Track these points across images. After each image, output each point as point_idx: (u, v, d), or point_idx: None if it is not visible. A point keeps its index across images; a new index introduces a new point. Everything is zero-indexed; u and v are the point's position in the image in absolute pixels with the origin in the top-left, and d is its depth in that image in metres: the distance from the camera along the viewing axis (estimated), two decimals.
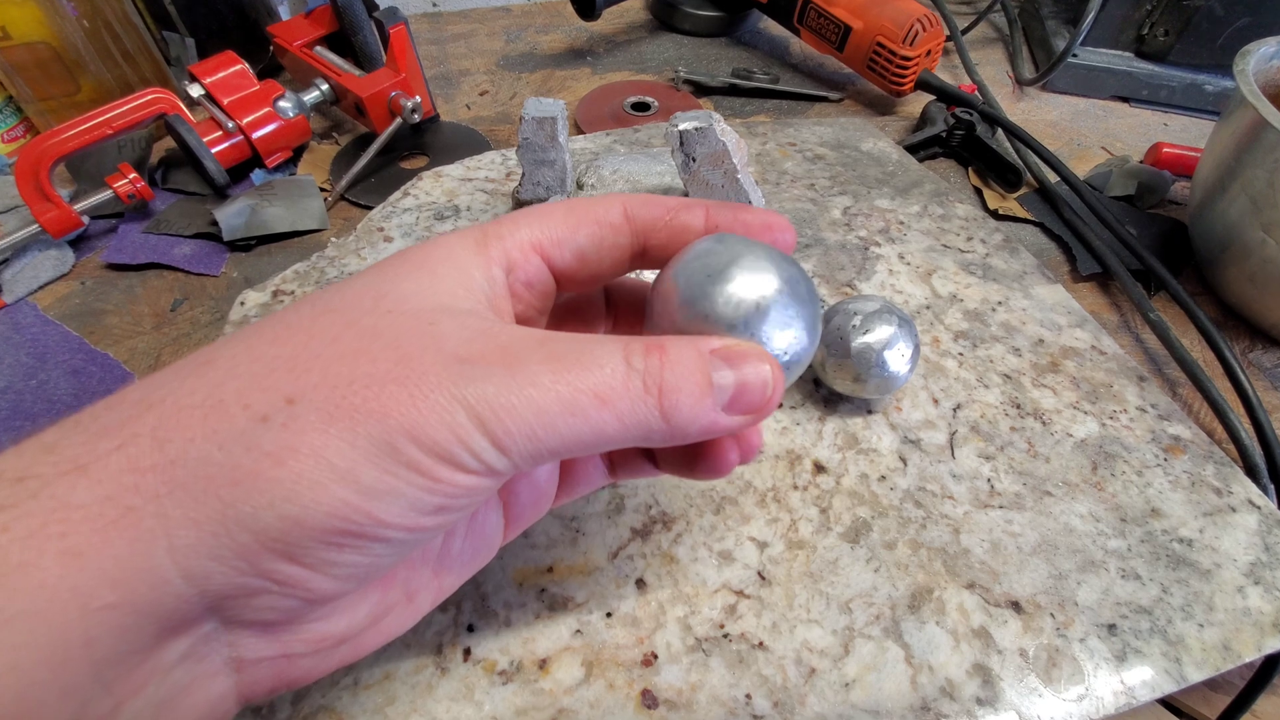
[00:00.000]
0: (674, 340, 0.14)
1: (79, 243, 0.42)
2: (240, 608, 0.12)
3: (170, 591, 0.12)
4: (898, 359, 0.27)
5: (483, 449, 0.13)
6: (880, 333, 0.27)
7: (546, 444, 0.13)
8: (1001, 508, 0.27)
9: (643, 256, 0.18)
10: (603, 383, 0.13)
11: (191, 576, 0.12)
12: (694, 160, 0.32)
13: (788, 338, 0.15)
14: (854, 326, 0.27)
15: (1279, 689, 0.25)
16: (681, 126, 0.31)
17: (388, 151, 0.46)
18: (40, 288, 0.40)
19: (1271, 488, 0.30)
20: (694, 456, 0.18)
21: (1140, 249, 0.39)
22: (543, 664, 0.22)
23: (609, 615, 0.24)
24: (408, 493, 0.12)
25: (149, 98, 0.41)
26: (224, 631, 0.13)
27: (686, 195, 0.34)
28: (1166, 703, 0.25)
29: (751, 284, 0.15)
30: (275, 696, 0.17)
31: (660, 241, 0.17)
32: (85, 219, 0.41)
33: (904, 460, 0.28)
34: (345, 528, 0.12)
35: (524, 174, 0.36)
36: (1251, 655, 0.23)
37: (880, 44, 0.50)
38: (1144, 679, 0.22)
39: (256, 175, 0.45)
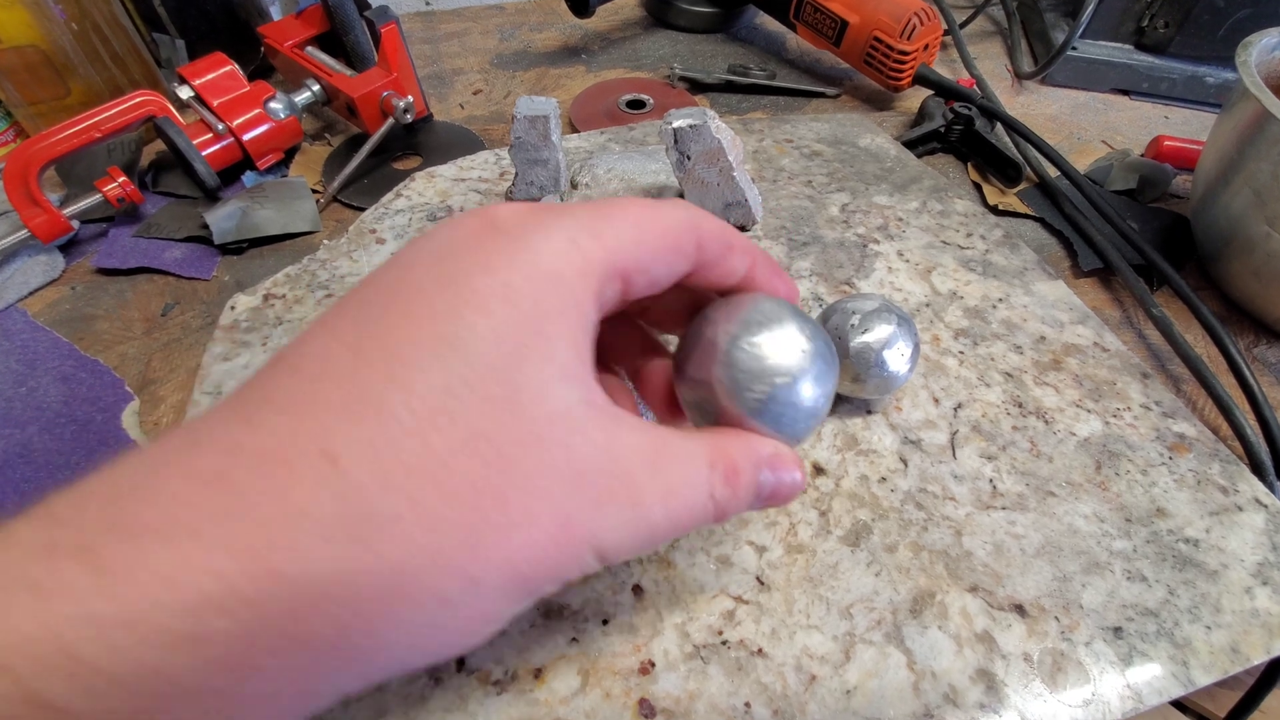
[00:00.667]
0: (746, 465, 0.16)
1: (69, 247, 0.42)
2: None
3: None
4: (897, 358, 0.26)
5: (592, 569, 0.14)
6: (879, 332, 0.26)
7: (635, 555, 0.15)
8: (1004, 509, 0.26)
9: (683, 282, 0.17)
10: (692, 519, 0.15)
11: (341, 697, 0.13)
12: (689, 158, 0.32)
13: (814, 424, 0.18)
14: (852, 326, 0.26)
15: None
16: (675, 124, 0.31)
17: (381, 152, 0.46)
18: (30, 294, 0.39)
19: (1278, 485, 0.30)
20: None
21: (1142, 244, 0.39)
22: (538, 673, 0.22)
23: (605, 623, 0.23)
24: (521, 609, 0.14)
25: (138, 100, 0.41)
26: None
27: (681, 194, 0.34)
28: (1174, 700, 0.25)
29: (803, 395, 0.16)
30: None
31: (705, 278, 0.17)
32: (75, 223, 0.41)
33: (904, 461, 0.27)
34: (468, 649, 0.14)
35: (517, 173, 0.36)
36: (1260, 657, 0.23)
37: (877, 38, 0.49)
38: (1151, 683, 0.22)
39: (248, 177, 0.44)
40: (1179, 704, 0.27)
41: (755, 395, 0.16)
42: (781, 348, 0.16)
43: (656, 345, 0.21)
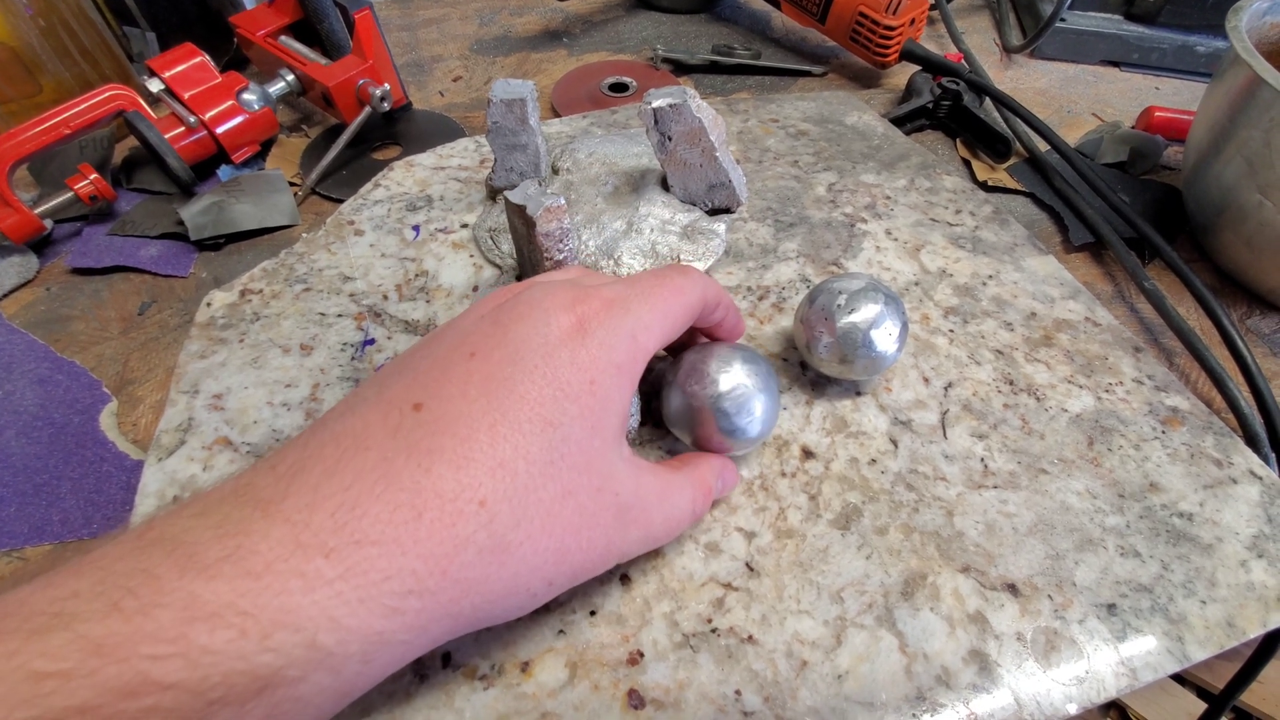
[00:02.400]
0: (714, 482, 0.23)
1: (43, 247, 0.41)
2: None
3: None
4: (885, 338, 0.26)
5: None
6: (866, 311, 0.26)
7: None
8: (996, 488, 0.26)
9: None
10: (681, 526, 0.22)
11: None
12: (670, 139, 0.31)
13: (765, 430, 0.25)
14: (839, 306, 0.26)
15: None
16: (655, 104, 0.30)
17: (359, 142, 0.45)
18: (3, 296, 0.38)
19: (1273, 456, 0.29)
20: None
21: (1133, 216, 0.38)
22: (525, 667, 0.22)
23: (593, 613, 0.23)
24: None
25: (107, 95, 0.40)
26: None
27: (664, 176, 0.33)
28: (1173, 673, 0.25)
29: (759, 417, 0.24)
30: None
31: (694, 325, 0.24)
32: (48, 223, 0.40)
33: (895, 442, 0.27)
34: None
35: (496, 160, 0.35)
36: (1256, 631, 0.22)
37: (863, 14, 0.48)
38: (1145, 659, 0.22)
39: (223, 171, 0.43)
40: (1178, 676, 0.27)
41: (720, 420, 0.23)
42: (734, 383, 0.23)
43: None
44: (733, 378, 0.23)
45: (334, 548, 0.15)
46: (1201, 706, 0.27)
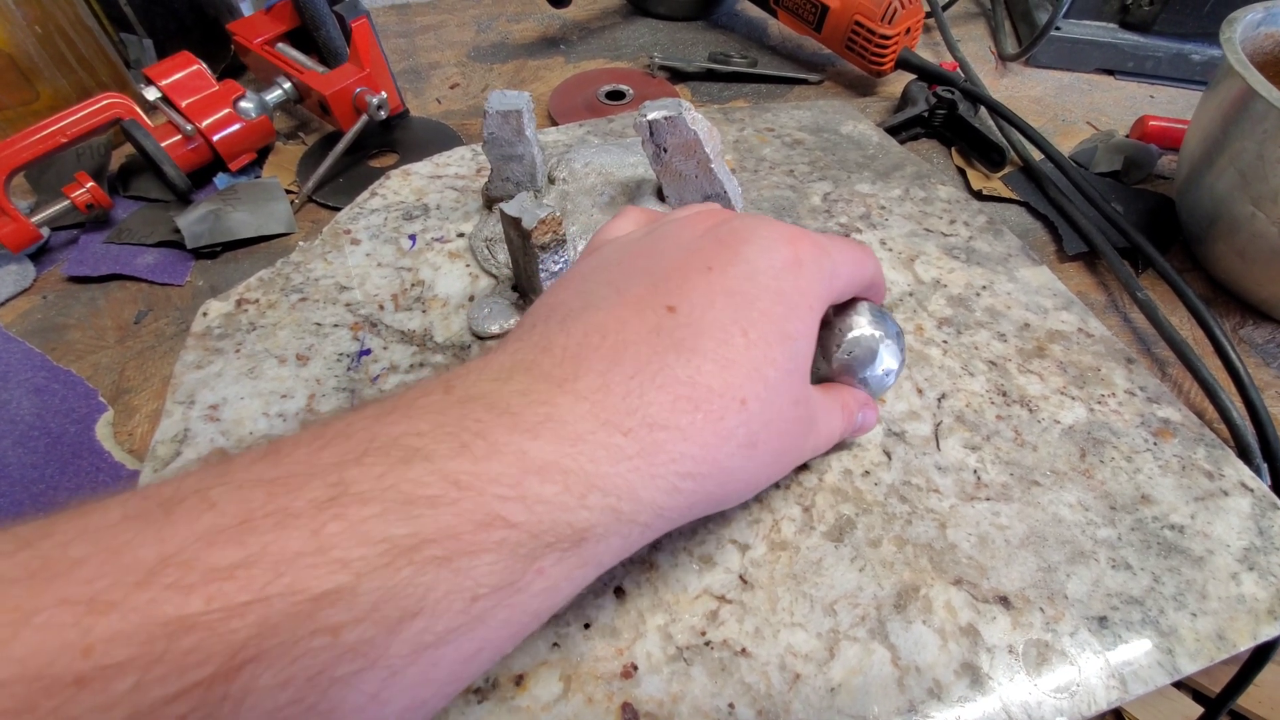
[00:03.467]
0: (856, 410, 0.25)
1: (40, 256, 0.41)
2: None
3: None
4: (883, 365, 0.25)
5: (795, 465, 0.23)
6: (864, 354, 0.24)
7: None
8: (988, 499, 0.26)
9: None
10: (830, 443, 0.24)
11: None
12: (665, 151, 0.31)
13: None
14: (838, 346, 0.25)
15: None
16: (650, 116, 0.30)
17: (356, 150, 0.45)
18: (0, 304, 0.38)
19: (1265, 467, 0.30)
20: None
21: (1126, 226, 0.38)
22: (519, 680, 0.22)
23: (587, 626, 0.23)
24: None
25: (103, 103, 0.40)
26: None
27: (660, 187, 0.33)
28: None
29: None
30: None
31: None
32: (45, 231, 0.40)
33: (888, 454, 0.27)
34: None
35: (492, 169, 0.35)
36: (1246, 644, 0.23)
37: (859, 23, 0.49)
38: (1136, 672, 0.22)
39: (220, 179, 0.43)
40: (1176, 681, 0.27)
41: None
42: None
43: None
44: (862, 327, 0.24)
45: (630, 428, 0.16)
46: (1198, 710, 0.27)
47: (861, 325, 0.24)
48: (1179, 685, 0.28)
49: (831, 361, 0.25)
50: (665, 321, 0.18)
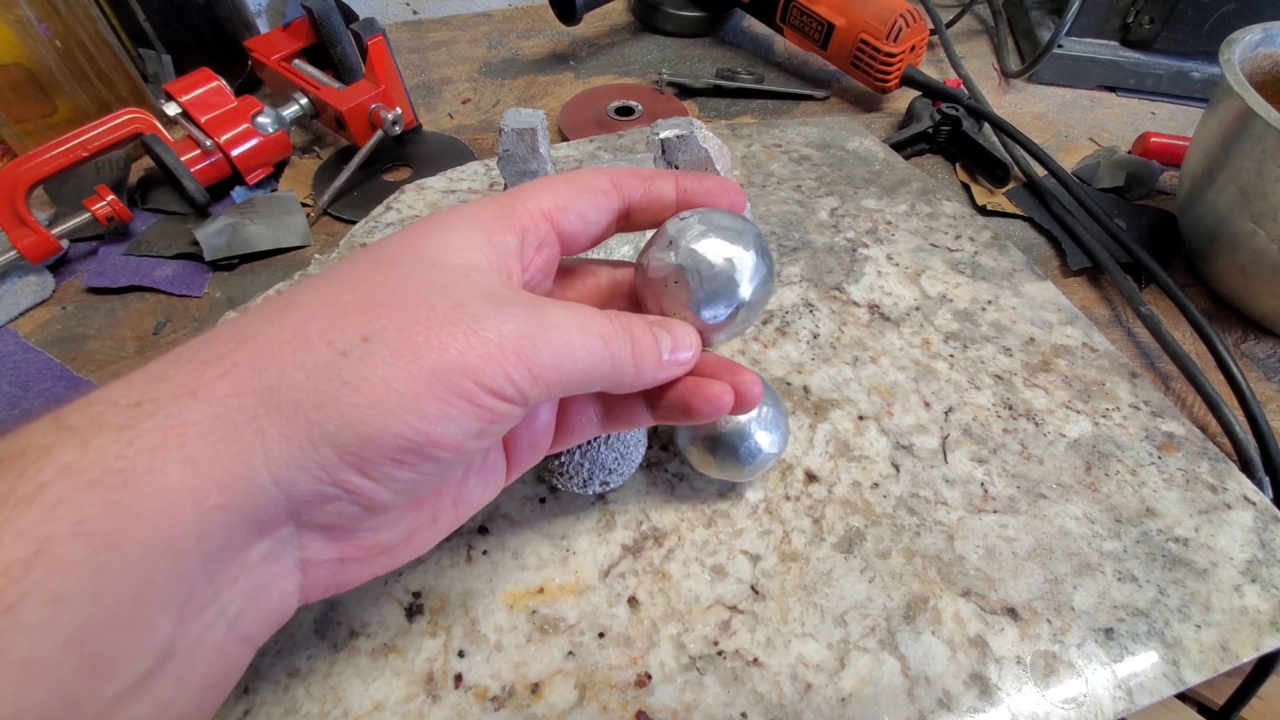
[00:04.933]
0: (633, 317, 0.19)
1: (60, 267, 0.42)
2: (314, 513, 0.15)
3: (264, 495, 0.14)
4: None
5: (521, 380, 0.16)
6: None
7: (565, 375, 0.17)
8: (995, 512, 0.26)
9: (626, 219, 0.21)
10: (605, 329, 0.18)
11: (280, 483, 0.14)
12: (677, 168, 0.32)
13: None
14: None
15: None
16: (663, 135, 0.31)
17: (370, 164, 0.46)
18: (20, 314, 0.39)
19: (1267, 481, 0.30)
20: (688, 399, 0.20)
21: (1129, 242, 0.39)
22: (535, 688, 0.22)
23: (601, 635, 0.23)
24: (459, 419, 0.15)
25: (125, 118, 0.41)
26: (296, 535, 0.16)
27: None
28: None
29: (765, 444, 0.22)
30: (325, 598, 0.19)
31: (639, 207, 0.21)
32: (64, 243, 0.41)
33: (896, 466, 0.28)
34: (407, 446, 0.15)
35: (506, 185, 0.36)
36: (1250, 655, 0.23)
37: (864, 41, 0.49)
38: (1142, 683, 0.22)
39: (237, 193, 0.44)
40: (1179, 693, 0.27)
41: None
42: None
43: None
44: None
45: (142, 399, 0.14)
46: None
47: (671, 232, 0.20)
48: (1184, 698, 0.28)
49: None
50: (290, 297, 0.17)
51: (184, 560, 0.13)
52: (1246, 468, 0.30)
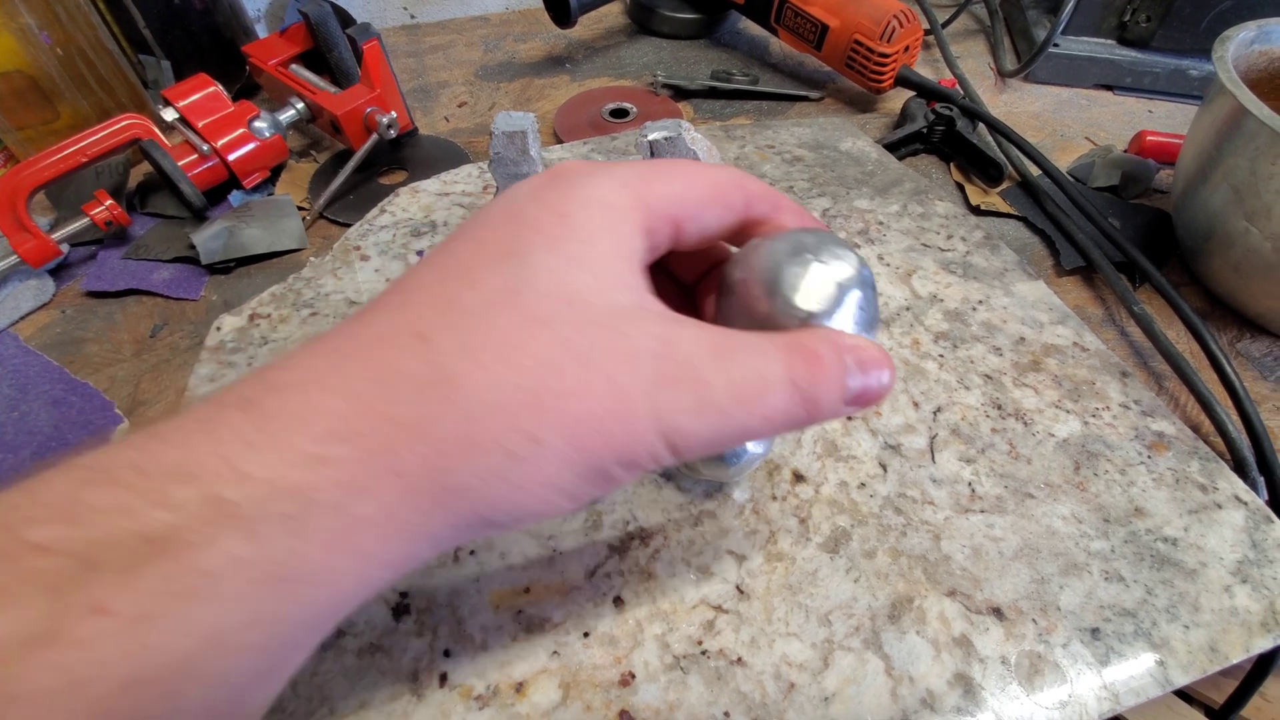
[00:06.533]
0: (826, 350, 0.16)
1: (60, 271, 0.42)
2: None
3: (419, 561, 0.15)
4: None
5: (663, 456, 0.15)
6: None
7: (713, 449, 0.16)
8: (983, 512, 0.26)
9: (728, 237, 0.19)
10: (774, 409, 0.15)
11: (437, 550, 0.15)
12: None
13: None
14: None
15: None
16: (651, 136, 0.31)
17: (366, 167, 0.46)
18: (20, 318, 0.39)
19: (1261, 480, 0.30)
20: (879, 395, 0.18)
21: (1122, 241, 0.39)
22: (519, 687, 0.22)
23: (586, 635, 0.23)
24: (593, 495, 0.15)
25: (123, 124, 0.41)
26: None
27: None
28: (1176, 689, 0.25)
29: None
30: None
31: (748, 230, 0.19)
32: (64, 248, 0.41)
33: (884, 466, 0.28)
34: (545, 515, 0.15)
35: (498, 188, 0.36)
36: (1239, 656, 0.23)
37: (858, 41, 0.49)
38: (1128, 683, 0.22)
39: (234, 197, 0.45)
40: (1185, 695, 0.27)
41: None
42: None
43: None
44: None
45: (249, 398, 0.13)
46: None
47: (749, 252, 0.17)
48: (1190, 700, 0.28)
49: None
50: (382, 294, 0.15)
51: (332, 623, 0.14)
52: (1240, 467, 0.30)
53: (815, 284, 0.16)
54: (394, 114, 0.45)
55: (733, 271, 0.18)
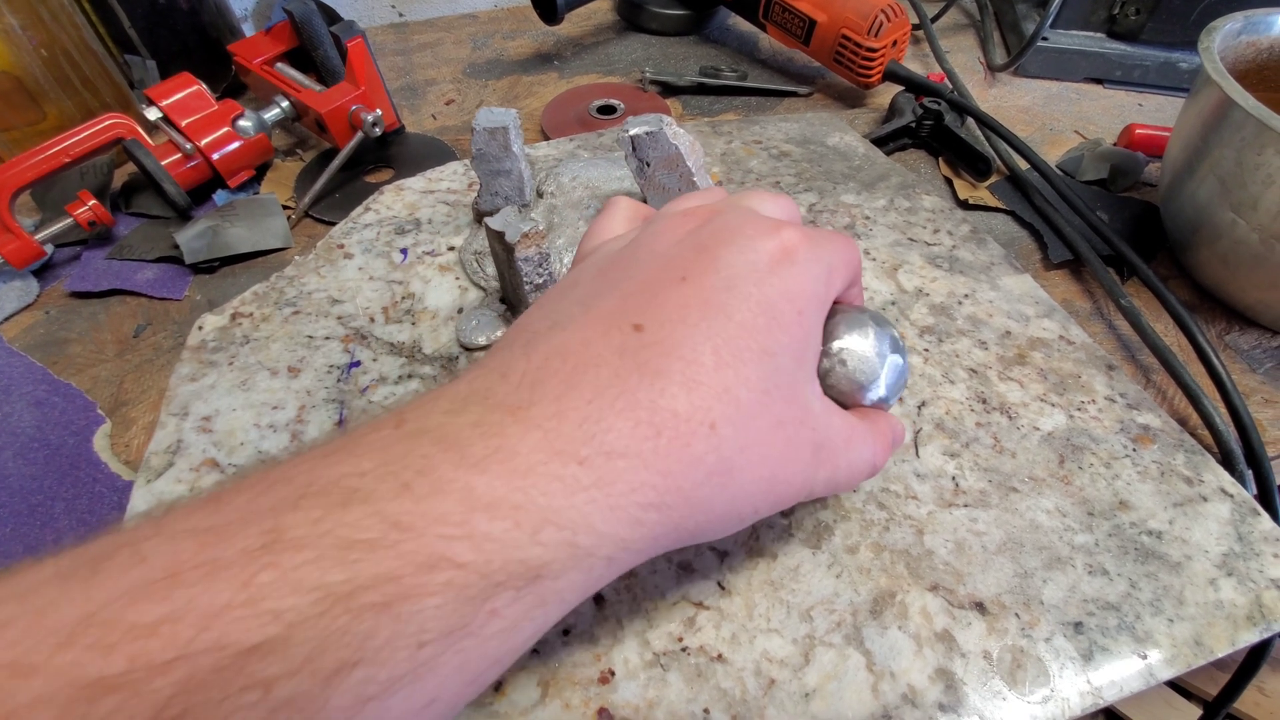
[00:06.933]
0: (895, 438, 0.22)
1: (44, 271, 0.42)
2: None
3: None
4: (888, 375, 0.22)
5: (816, 490, 0.20)
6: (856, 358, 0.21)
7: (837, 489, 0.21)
8: (966, 506, 0.26)
9: None
10: (864, 474, 0.21)
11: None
12: (648, 165, 0.32)
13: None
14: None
15: None
16: (632, 132, 0.31)
17: (353, 166, 0.46)
18: (4, 320, 0.39)
19: (1249, 473, 0.30)
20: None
21: (1110, 234, 0.39)
22: (498, 686, 0.22)
23: (565, 633, 0.23)
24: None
25: (106, 124, 0.41)
26: None
27: (645, 199, 0.34)
28: (1172, 682, 0.25)
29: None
30: None
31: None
32: (48, 248, 0.41)
33: None
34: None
35: (481, 184, 0.36)
36: (1224, 650, 0.23)
37: (845, 36, 0.49)
38: (1111, 678, 0.22)
39: (219, 196, 0.44)
40: (1183, 690, 0.27)
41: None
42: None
43: None
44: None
45: (586, 457, 0.15)
46: (1197, 714, 0.27)
47: (845, 335, 0.21)
48: (1187, 695, 0.28)
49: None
50: (630, 341, 0.17)
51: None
52: (1227, 460, 0.30)
53: (891, 379, 0.21)
54: (379, 112, 0.45)
55: (834, 364, 0.21)
